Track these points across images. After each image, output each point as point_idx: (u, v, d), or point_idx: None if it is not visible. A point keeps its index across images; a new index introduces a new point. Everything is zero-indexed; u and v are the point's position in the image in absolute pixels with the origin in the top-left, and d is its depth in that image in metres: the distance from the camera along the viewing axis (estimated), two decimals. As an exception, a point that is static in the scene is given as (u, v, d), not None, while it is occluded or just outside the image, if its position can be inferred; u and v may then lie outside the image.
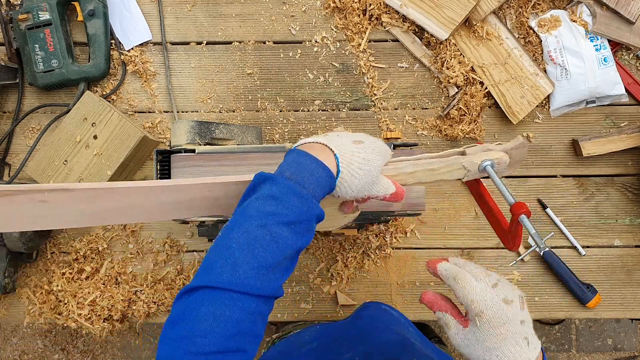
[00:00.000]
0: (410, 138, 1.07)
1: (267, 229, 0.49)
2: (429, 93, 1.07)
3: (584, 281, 1.04)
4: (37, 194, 0.55)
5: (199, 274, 0.49)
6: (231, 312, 0.46)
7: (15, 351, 2.01)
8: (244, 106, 1.07)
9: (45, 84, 1.01)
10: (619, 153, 1.04)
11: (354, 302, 1.04)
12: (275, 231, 0.49)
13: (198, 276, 0.49)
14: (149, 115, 1.07)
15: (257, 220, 0.50)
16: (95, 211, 0.58)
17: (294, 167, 0.53)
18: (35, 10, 0.98)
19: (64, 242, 1.05)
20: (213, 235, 0.87)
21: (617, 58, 1.04)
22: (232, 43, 1.07)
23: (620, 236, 1.06)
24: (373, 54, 1.06)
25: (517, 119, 1.03)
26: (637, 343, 1.98)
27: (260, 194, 0.52)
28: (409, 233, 1.06)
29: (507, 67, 1.03)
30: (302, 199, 0.51)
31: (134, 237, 1.05)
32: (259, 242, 0.49)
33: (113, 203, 0.58)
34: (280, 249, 0.49)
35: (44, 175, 0.97)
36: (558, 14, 1.03)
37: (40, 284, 1.03)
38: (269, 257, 0.49)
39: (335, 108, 1.07)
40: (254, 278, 0.47)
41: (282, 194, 0.51)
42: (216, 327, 0.45)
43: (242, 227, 0.50)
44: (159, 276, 1.04)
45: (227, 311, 0.46)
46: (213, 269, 0.48)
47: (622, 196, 1.06)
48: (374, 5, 1.03)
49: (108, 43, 1.04)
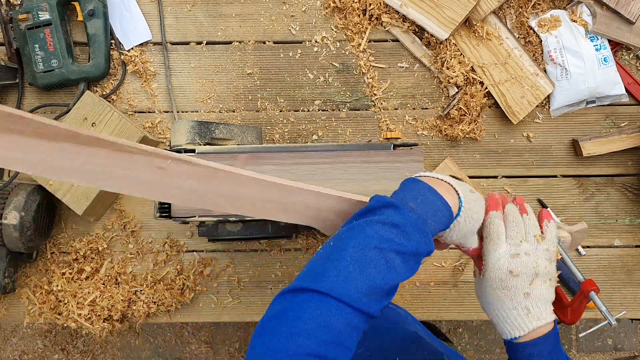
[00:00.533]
0: (410, 138, 1.07)
1: (382, 254, 0.50)
2: (429, 93, 1.07)
3: (584, 281, 1.04)
4: (159, 159, 0.55)
5: (306, 277, 0.50)
6: (335, 321, 0.47)
7: (15, 351, 2.01)
8: (244, 106, 1.07)
9: (45, 84, 1.01)
10: (619, 153, 1.04)
11: (354, 302, 1.04)
12: (390, 257, 0.51)
13: (305, 279, 0.50)
14: (149, 115, 1.07)
15: (375, 242, 0.51)
16: (204, 192, 0.59)
17: (420, 200, 0.55)
18: (35, 10, 0.98)
19: (63, 242, 1.05)
20: (213, 235, 0.87)
21: (617, 58, 1.05)
22: (232, 43, 1.07)
23: (620, 236, 1.06)
24: (373, 54, 1.06)
25: (517, 119, 1.03)
26: (637, 343, 1.98)
27: (382, 219, 0.52)
28: (409, 233, 1.06)
29: (507, 67, 1.03)
30: (422, 234, 0.53)
31: (134, 237, 1.05)
32: (374, 264, 0.50)
33: (225, 188, 0.58)
34: (391, 276, 0.51)
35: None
36: (558, 14, 1.03)
37: (40, 284, 1.03)
38: (379, 279, 0.50)
39: (335, 108, 1.07)
40: (363, 294, 0.48)
41: (405, 225, 0.52)
42: (318, 332, 0.46)
43: (359, 244, 0.51)
44: (158, 276, 1.04)
45: (332, 319, 0.47)
46: (324, 276, 0.49)
47: (622, 196, 1.06)
48: (374, 5, 1.03)
49: (108, 43, 1.04)
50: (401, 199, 0.55)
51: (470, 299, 1.04)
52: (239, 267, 1.06)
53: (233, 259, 1.06)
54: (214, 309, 1.05)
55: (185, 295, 1.03)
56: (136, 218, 1.06)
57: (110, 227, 1.05)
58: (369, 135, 1.07)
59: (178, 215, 0.78)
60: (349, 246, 0.51)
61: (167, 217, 0.80)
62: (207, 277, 1.05)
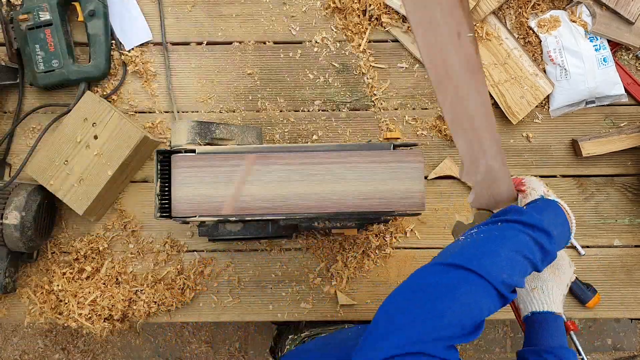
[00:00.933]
0: (410, 138, 1.07)
1: (526, 262, 0.61)
2: (428, 93, 1.07)
3: (584, 281, 1.04)
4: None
5: (459, 257, 0.58)
6: (484, 302, 0.55)
7: (15, 351, 2.01)
8: (244, 106, 1.07)
9: (46, 84, 1.01)
10: (619, 153, 1.04)
11: (354, 302, 1.04)
12: (527, 268, 0.61)
13: (458, 258, 0.58)
14: (150, 116, 1.07)
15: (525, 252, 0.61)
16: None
17: (559, 231, 0.67)
18: (35, 10, 0.99)
19: (64, 242, 1.06)
20: (213, 235, 0.87)
21: (616, 58, 1.05)
22: (232, 43, 1.07)
23: (620, 236, 1.06)
24: (373, 54, 1.06)
25: (517, 119, 1.03)
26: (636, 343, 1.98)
27: (535, 236, 0.62)
28: (409, 233, 1.06)
29: (507, 67, 1.03)
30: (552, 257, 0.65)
31: (135, 237, 1.06)
32: (519, 268, 0.60)
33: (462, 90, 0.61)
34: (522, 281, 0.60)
35: (45, 176, 0.97)
36: (557, 14, 1.04)
37: (40, 284, 1.04)
38: (516, 279, 0.58)
39: (335, 108, 1.07)
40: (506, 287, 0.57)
41: (550, 251, 0.63)
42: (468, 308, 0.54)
43: (513, 248, 0.60)
44: (159, 276, 1.04)
45: (482, 299, 0.56)
46: (481, 261, 0.57)
47: (622, 196, 1.06)
48: (374, 6, 1.03)
49: (108, 43, 1.04)
50: (548, 222, 0.65)
51: (470, 299, 1.05)
52: (239, 267, 1.06)
53: (233, 258, 1.06)
54: (214, 309, 1.05)
55: (185, 295, 1.03)
56: (137, 218, 1.06)
57: (110, 227, 1.06)
58: (369, 135, 1.07)
59: (178, 215, 0.79)
60: (506, 246, 0.59)
61: (167, 217, 0.80)
62: (208, 276, 1.05)
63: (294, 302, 1.05)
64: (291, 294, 1.05)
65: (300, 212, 0.79)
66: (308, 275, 1.05)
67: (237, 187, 0.78)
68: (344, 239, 1.05)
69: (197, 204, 0.78)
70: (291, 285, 1.05)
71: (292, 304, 1.05)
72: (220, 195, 0.78)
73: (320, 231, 1.05)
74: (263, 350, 2.01)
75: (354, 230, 0.99)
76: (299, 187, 0.79)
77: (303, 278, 1.05)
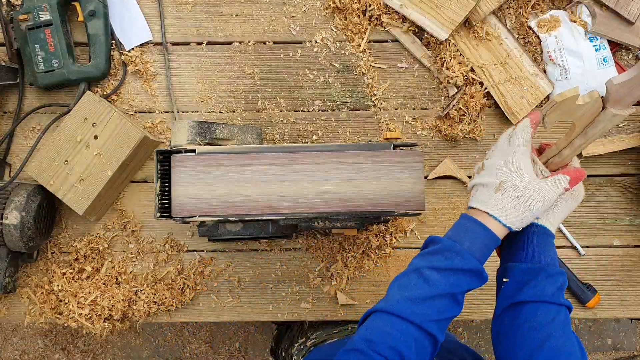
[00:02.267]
0: (410, 138, 1.07)
1: (419, 272, 0.64)
2: (428, 93, 1.07)
3: (584, 281, 1.04)
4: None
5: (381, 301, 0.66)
6: (390, 329, 0.61)
7: (15, 351, 2.02)
8: (244, 106, 1.07)
9: (46, 84, 1.01)
10: (619, 153, 1.04)
11: (353, 302, 1.04)
12: (426, 274, 0.63)
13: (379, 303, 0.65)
14: (150, 116, 1.07)
15: (412, 267, 0.65)
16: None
17: (455, 228, 0.67)
18: (35, 10, 0.99)
19: (64, 242, 1.06)
20: (213, 235, 0.87)
21: (616, 58, 1.05)
22: (232, 43, 1.07)
23: (620, 236, 1.06)
24: (373, 54, 1.07)
25: (517, 119, 1.03)
26: (636, 343, 1.98)
27: (425, 251, 0.67)
28: (408, 233, 1.06)
29: (507, 67, 1.03)
30: (457, 253, 0.63)
31: (135, 237, 1.06)
32: (413, 282, 0.63)
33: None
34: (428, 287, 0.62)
35: (45, 176, 0.97)
36: (557, 14, 1.04)
37: (40, 284, 1.04)
38: (416, 292, 0.63)
39: (335, 108, 1.07)
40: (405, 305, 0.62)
41: (441, 250, 0.64)
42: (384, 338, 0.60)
43: (404, 272, 0.66)
44: (159, 276, 1.04)
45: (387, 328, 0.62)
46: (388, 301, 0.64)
47: (622, 196, 1.06)
48: (374, 6, 1.03)
49: (109, 43, 1.04)
50: (448, 235, 0.67)
51: (470, 299, 1.05)
52: (239, 267, 1.06)
53: (233, 258, 1.06)
54: (214, 309, 1.05)
55: (185, 295, 1.03)
56: (137, 218, 1.06)
57: (110, 227, 1.06)
58: (369, 135, 1.07)
59: (178, 215, 0.79)
60: (399, 276, 0.66)
61: (167, 217, 0.80)
62: (208, 276, 1.05)
63: (294, 302, 1.05)
64: (291, 294, 1.05)
65: (300, 212, 0.79)
66: (308, 275, 1.05)
67: (237, 187, 0.78)
68: (344, 239, 1.05)
69: (197, 204, 0.78)
70: (291, 285, 1.05)
71: (292, 304, 1.05)
72: (220, 195, 0.78)
73: (320, 231, 1.05)
74: (263, 350, 2.02)
75: (354, 230, 0.99)
76: (299, 187, 0.79)
77: (303, 278, 1.05)
